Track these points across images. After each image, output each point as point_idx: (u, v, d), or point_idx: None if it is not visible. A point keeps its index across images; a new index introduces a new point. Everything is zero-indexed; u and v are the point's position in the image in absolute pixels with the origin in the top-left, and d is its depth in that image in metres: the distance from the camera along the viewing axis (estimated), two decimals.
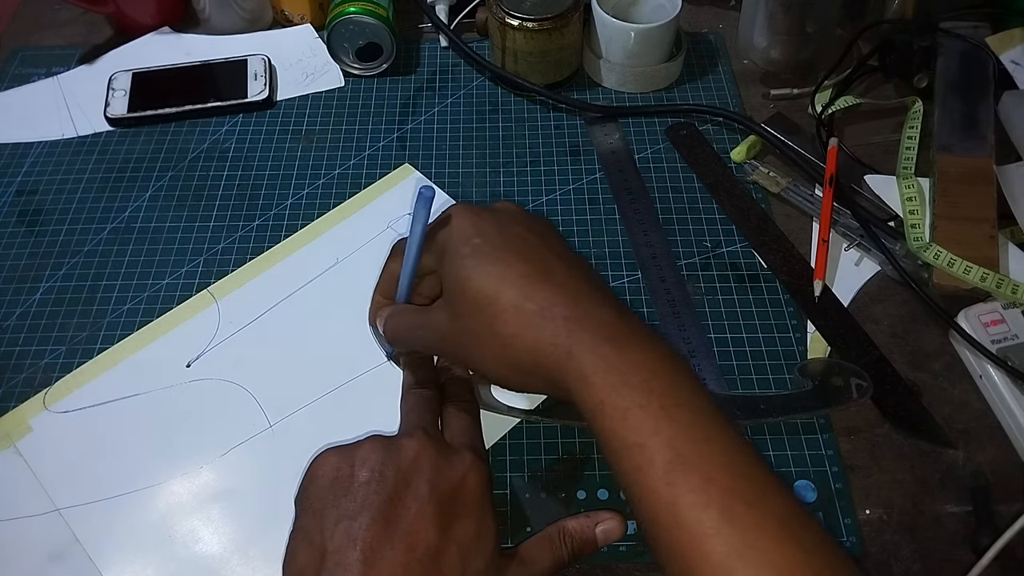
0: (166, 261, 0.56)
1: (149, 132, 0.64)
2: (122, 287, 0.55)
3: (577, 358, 0.34)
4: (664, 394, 0.33)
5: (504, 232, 0.38)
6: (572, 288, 0.36)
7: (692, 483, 0.31)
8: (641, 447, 0.32)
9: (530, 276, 0.36)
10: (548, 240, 0.39)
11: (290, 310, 0.53)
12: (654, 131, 0.63)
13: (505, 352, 0.36)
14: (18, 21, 0.74)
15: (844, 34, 0.65)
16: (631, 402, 0.32)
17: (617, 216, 0.58)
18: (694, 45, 0.69)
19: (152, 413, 0.48)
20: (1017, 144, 0.58)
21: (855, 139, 0.62)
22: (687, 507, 0.30)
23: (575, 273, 0.37)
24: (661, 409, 0.32)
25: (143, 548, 0.44)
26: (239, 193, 0.60)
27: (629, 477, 0.32)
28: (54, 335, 0.52)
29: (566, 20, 0.62)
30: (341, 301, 0.52)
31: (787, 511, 0.31)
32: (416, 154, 0.62)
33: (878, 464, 0.46)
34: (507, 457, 0.47)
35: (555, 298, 0.35)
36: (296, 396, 0.49)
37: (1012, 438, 0.47)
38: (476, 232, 0.38)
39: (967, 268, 0.50)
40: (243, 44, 0.70)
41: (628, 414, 0.32)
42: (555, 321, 0.35)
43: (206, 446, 0.47)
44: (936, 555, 0.43)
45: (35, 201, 0.60)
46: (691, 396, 0.33)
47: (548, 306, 0.35)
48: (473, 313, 0.37)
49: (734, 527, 0.30)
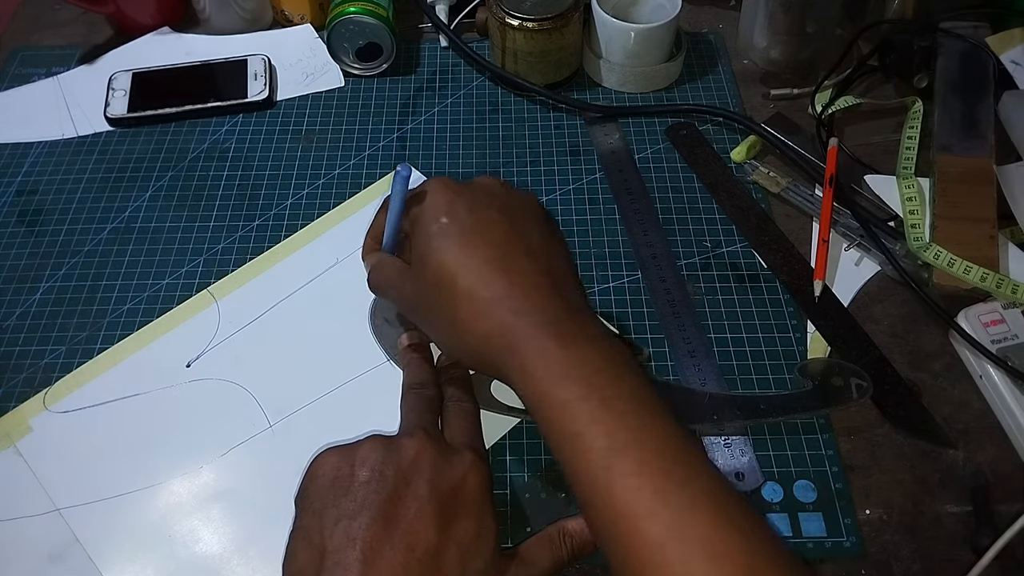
0: (166, 261, 0.56)
1: (149, 132, 0.64)
2: (122, 287, 0.55)
3: (520, 352, 0.35)
4: (604, 386, 0.33)
5: (475, 214, 0.39)
6: (529, 280, 0.37)
7: (627, 468, 0.31)
8: (580, 435, 0.33)
9: (490, 263, 0.37)
10: (520, 224, 0.39)
11: (290, 310, 0.53)
12: (654, 131, 0.63)
13: (458, 335, 0.37)
14: (18, 21, 0.74)
15: (844, 34, 0.65)
16: (572, 394, 0.33)
17: (617, 216, 0.58)
18: (694, 45, 0.69)
19: (152, 413, 0.48)
20: (1017, 144, 0.58)
21: (855, 139, 0.62)
22: (622, 490, 0.31)
23: (537, 265, 0.38)
24: (600, 401, 0.33)
25: (143, 548, 0.44)
26: (239, 193, 0.60)
27: (570, 466, 0.33)
28: (54, 335, 0.52)
29: (566, 20, 0.62)
30: (341, 301, 0.52)
31: (720, 493, 0.31)
32: (416, 154, 0.62)
33: (878, 464, 0.46)
34: (507, 457, 0.47)
35: (510, 289, 0.36)
36: (296, 396, 0.49)
37: (1012, 438, 0.47)
38: (447, 211, 0.39)
39: (967, 268, 0.50)
40: (243, 44, 0.70)
41: (568, 405, 0.33)
42: (503, 313, 0.36)
43: (206, 446, 0.47)
44: (936, 555, 0.43)
45: (35, 201, 0.60)
46: (631, 388, 0.34)
47: (501, 296, 0.36)
48: (433, 291, 0.38)
49: (667, 508, 0.30)
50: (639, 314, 0.53)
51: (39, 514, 0.45)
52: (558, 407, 0.33)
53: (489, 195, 0.40)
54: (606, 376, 0.34)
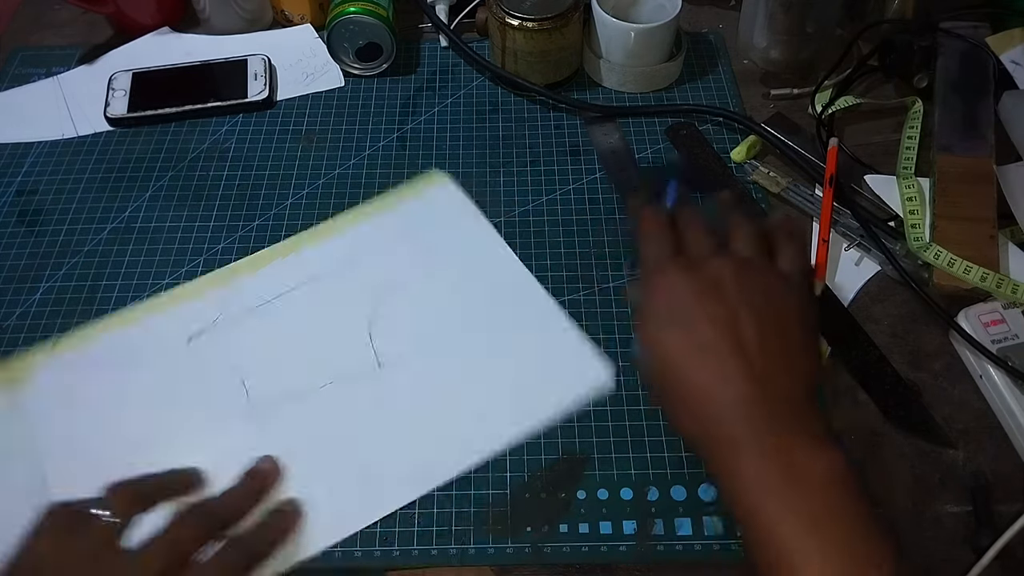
0: (166, 261, 0.56)
1: (149, 132, 0.64)
2: (122, 287, 0.55)
3: (741, 454, 0.35)
4: (822, 503, 0.33)
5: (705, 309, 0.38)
6: (758, 369, 0.36)
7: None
8: (790, 555, 0.32)
9: (715, 348, 0.36)
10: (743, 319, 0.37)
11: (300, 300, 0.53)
12: (654, 131, 0.63)
13: (677, 416, 0.38)
14: (18, 21, 0.74)
15: (844, 34, 0.65)
16: (787, 509, 0.33)
17: (617, 216, 0.58)
18: (694, 45, 0.69)
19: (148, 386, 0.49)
20: (1017, 144, 0.58)
21: (855, 139, 0.62)
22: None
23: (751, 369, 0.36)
24: (812, 523, 0.33)
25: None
26: (239, 193, 0.60)
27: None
28: (54, 335, 0.52)
29: (566, 20, 0.62)
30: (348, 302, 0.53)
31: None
32: (416, 154, 0.62)
33: (878, 464, 0.46)
34: (507, 457, 0.47)
35: (738, 395, 0.36)
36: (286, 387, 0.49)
37: (1012, 438, 0.47)
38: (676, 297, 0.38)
39: (967, 268, 0.50)
40: (243, 44, 0.70)
41: (781, 522, 0.33)
42: (727, 407, 0.36)
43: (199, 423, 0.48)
44: (936, 555, 0.43)
45: (35, 201, 0.60)
46: (846, 509, 0.34)
47: (729, 403, 0.36)
48: (658, 368, 0.38)
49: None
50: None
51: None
52: (771, 523, 0.33)
53: (718, 287, 0.38)
54: (827, 495, 0.34)
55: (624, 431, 0.48)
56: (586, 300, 0.53)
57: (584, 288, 0.54)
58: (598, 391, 0.49)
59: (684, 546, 0.43)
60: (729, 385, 0.36)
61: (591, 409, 0.48)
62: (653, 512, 0.45)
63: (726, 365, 0.36)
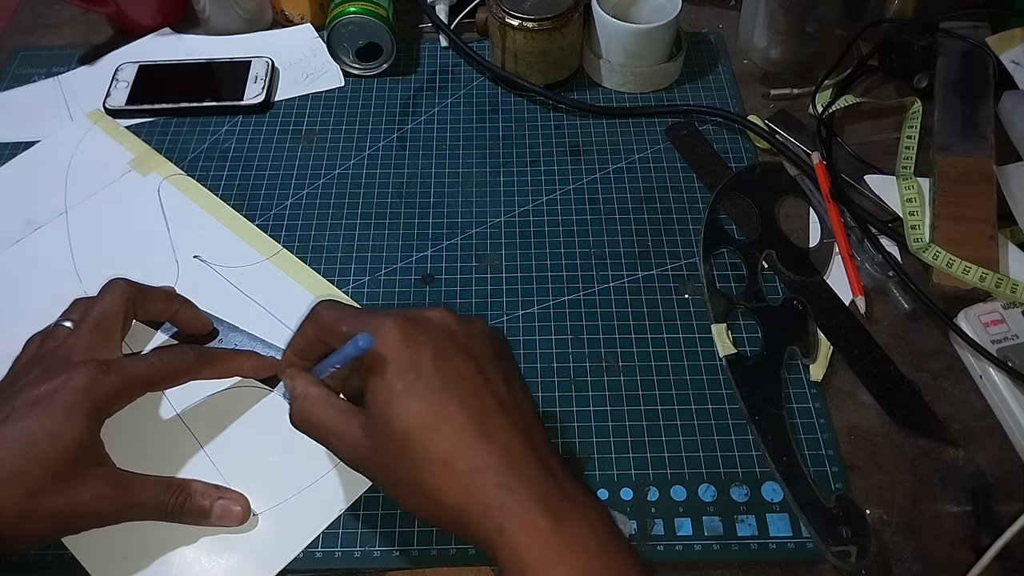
0: None
1: (149, 132, 0.64)
2: None
3: (508, 532, 0.33)
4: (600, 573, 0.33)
5: (441, 366, 0.36)
6: (509, 445, 0.35)
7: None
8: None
9: (464, 428, 0.34)
10: (485, 368, 0.37)
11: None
12: (654, 131, 0.63)
13: (429, 503, 0.35)
14: (18, 21, 0.74)
15: (844, 34, 0.65)
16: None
17: (617, 216, 0.58)
18: (694, 45, 0.69)
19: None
20: (1017, 144, 0.58)
21: (855, 139, 0.62)
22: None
23: (512, 423, 0.36)
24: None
25: None
26: (239, 193, 0.60)
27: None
28: None
29: (566, 20, 0.62)
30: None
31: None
32: (416, 154, 0.62)
33: (878, 464, 0.46)
34: None
35: (488, 459, 0.34)
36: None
37: (1012, 438, 0.47)
38: (411, 365, 0.35)
39: (967, 268, 0.50)
40: (243, 44, 0.70)
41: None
42: (486, 487, 0.34)
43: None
44: (936, 555, 0.43)
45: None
46: (621, 569, 0.33)
47: (481, 467, 0.34)
48: (399, 455, 0.35)
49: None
50: (639, 314, 0.53)
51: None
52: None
53: (450, 338, 0.37)
54: (602, 563, 0.33)
55: (624, 431, 0.48)
56: (586, 300, 0.53)
57: (584, 288, 0.54)
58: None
59: (684, 546, 0.43)
60: (487, 469, 0.34)
61: (591, 409, 0.48)
62: (653, 512, 0.45)
63: (475, 447, 0.34)
